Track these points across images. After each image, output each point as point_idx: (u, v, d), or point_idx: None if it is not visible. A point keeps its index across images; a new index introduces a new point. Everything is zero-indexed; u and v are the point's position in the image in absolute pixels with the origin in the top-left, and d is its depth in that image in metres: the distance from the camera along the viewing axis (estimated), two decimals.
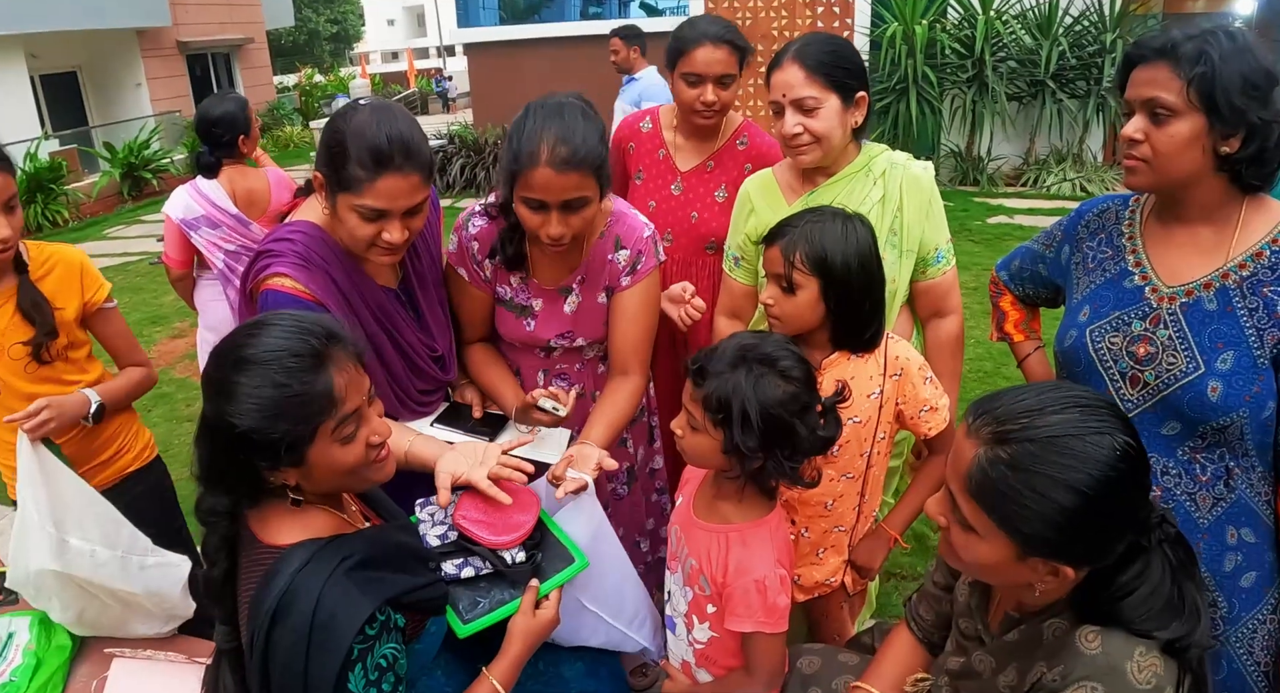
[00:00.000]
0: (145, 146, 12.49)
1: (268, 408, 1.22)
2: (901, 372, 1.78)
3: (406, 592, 1.33)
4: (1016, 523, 1.15)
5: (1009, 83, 9.03)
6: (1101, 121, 8.98)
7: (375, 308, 1.81)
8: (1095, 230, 1.72)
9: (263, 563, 1.28)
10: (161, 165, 12.57)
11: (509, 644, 1.48)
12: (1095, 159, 9.24)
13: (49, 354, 2.06)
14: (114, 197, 12.01)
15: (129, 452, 2.30)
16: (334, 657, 1.20)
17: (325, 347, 1.28)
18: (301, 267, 1.70)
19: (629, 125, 2.63)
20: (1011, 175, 9.39)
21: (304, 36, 32.36)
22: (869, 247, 1.71)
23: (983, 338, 5.07)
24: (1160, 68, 1.45)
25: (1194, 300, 1.53)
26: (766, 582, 1.55)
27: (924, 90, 8.83)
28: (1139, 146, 1.49)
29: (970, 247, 6.92)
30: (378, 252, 1.70)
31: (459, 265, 2.00)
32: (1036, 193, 8.85)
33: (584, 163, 1.69)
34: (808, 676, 1.68)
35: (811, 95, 1.90)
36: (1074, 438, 1.13)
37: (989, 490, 1.16)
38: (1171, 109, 1.44)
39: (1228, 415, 1.49)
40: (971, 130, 9.32)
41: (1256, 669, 1.58)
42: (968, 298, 5.74)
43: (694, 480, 1.76)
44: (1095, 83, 8.77)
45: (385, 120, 1.60)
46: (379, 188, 1.60)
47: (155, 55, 15.56)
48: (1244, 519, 1.56)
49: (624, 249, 1.96)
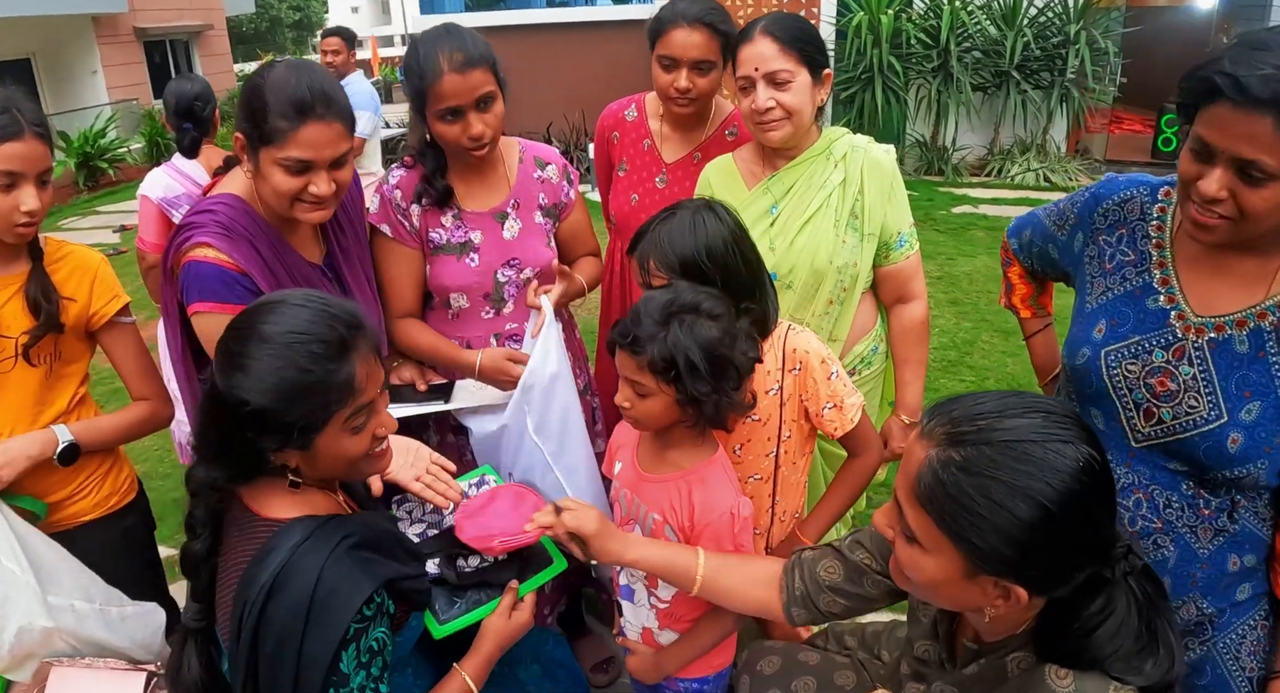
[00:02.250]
0: (101, 136, 12.19)
1: (287, 390, 1.21)
2: (801, 365, 1.73)
3: (400, 579, 1.32)
4: (967, 534, 1.06)
5: (974, 73, 9.07)
6: (1065, 112, 9.05)
7: (301, 281, 1.79)
8: (1115, 223, 1.53)
9: (258, 537, 1.26)
10: (118, 155, 12.28)
11: (481, 642, 1.48)
12: (1059, 149, 9.32)
13: (39, 356, 1.81)
14: (69, 187, 11.72)
15: (86, 496, 1.91)
16: (332, 634, 1.19)
17: (352, 336, 1.26)
18: (224, 236, 1.67)
19: (613, 114, 2.51)
20: (976, 165, 9.44)
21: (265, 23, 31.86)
22: (726, 233, 1.65)
23: (947, 327, 5.09)
24: (1263, 121, 1.17)
25: (1224, 338, 1.38)
26: (735, 511, 1.58)
27: (889, 80, 8.85)
28: (1221, 204, 1.26)
29: (935, 236, 6.95)
30: (304, 208, 1.68)
31: (382, 222, 1.99)
32: (1001, 183, 8.90)
33: (481, 60, 1.83)
34: (767, 676, 1.66)
35: (785, 68, 1.88)
36: (1034, 444, 1.05)
37: (939, 497, 1.08)
38: (1273, 174, 1.19)
39: (1244, 466, 1.38)
40: (936, 120, 9.36)
41: (1241, 675, 1.53)
42: (931, 287, 5.73)
43: (627, 444, 1.74)
44: (1059, 74, 8.83)
45: (304, 73, 1.63)
46: (302, 137, 1.60)
47: (111, 42, 15.21)
48: (1247, 547, 1.47)
49: (549, 164, 2.12)
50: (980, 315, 5.21)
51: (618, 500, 1.73)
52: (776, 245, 1.99)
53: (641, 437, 1.71)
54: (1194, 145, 1.27)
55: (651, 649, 1.74)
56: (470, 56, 1.82)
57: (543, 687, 1.71)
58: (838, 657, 1.70)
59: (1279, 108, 1.16)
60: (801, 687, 1.61)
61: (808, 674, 1.63)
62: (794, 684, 1.62)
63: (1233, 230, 1.28)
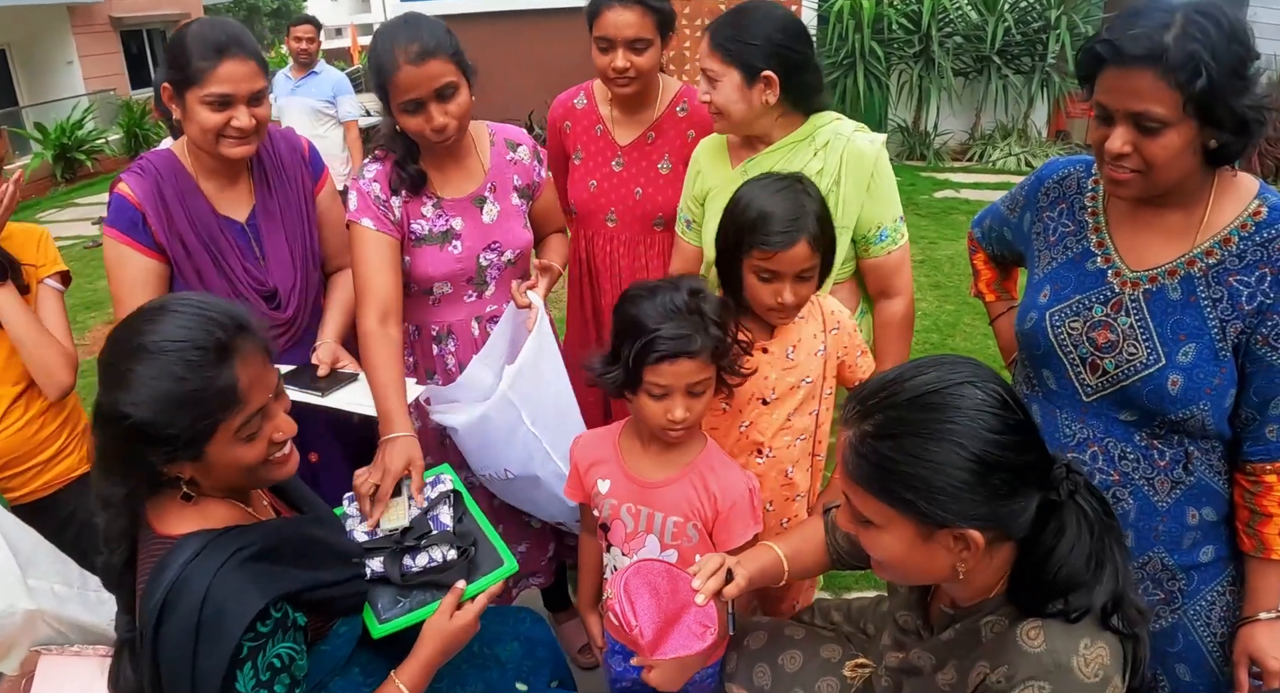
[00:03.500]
0: (79, 127, 12.06)
1: (164, 401, 1.16)
2: (839, 325, 1.84)
3: (309, 588, 1.26)
4: (904, 495, 1.11)
5: (955, 58, 9.09)
6: (1046, 97, 9.09)
7: (201, 229, 1.92)
8: (1056, 199, 1.64)
9: (154, 554, 1.22)
10: (96, 146, 12.16)
11: (420, 646, 1.42)
12: (1040, 134, 9.36)
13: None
14: (46, 179, 11.60)
15: (72, 453, 2.14)
16: (222, 651, 1.14)
17: (231, 339, 1.21)
18: (137, 174, 1.90)
19: (562, 104, 2.49)
20: (958, 150, 9.47)
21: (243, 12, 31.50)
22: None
23: (929, 310, 5.12)
24: (1144, 76, 1.29)
25: (1157, 288, 1.47)
26: (752, 486, 1.66)
27: (871, 65, 8.86)
28: (1127, 159, 1.37)
29: (917, 221, 6.97)
30: (230, 144, 1.85)
31: (362, 217, 1.95)
32: (982, 167, 8.94)
33: (437, 50, 1.81)
34: (754, 651, 1.68)
35: (712, 67, 1.91)
36: (935, 393, 1.11)
37: (866, 470, 1.13)
38: (1164, 121, 1.30)
39: (1187, 408, 1.45)
40: (918, 105, 9.38)
41: (1213, 640, 1.58)
42: (915, 271, 5.75)
43: (603, 461, 1.73)
44: (1040, 59, 8.87)
45: (217, 22, 1.85)
46: (221, 73, 1.79)
47: (88, 32, 15.01)
48: (1204, 500, 1.53)
49: (520, 145, 2.12)
50: (962, 298, 5.24)
51: (618, 518, 1.71)
52: None
53: (624, 450, 1.71)
54: (1096, 113, 1.40)
55: None
56: (426, 47, 1.80)
57: (523, 665, 1.70)
58: (824, 631, 1.72)
59: (1154, 60, 1.27)
60: (788, 660, 1.63)
61: (794, 649, 1.65)
62: (781, 658, 1.64)
63: (1144, 182, 1.39)
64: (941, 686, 1.28)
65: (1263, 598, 1.52)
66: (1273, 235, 1.40)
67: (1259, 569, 1.52)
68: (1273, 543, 1.48)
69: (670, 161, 2.38)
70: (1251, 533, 1.50)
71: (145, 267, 1.89)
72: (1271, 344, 1.41)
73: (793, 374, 1.78)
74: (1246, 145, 1.36)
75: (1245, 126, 1.32)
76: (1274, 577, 1.51)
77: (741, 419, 1.80)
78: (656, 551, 1.69)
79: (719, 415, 1.81)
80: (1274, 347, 1.41)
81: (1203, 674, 1.60)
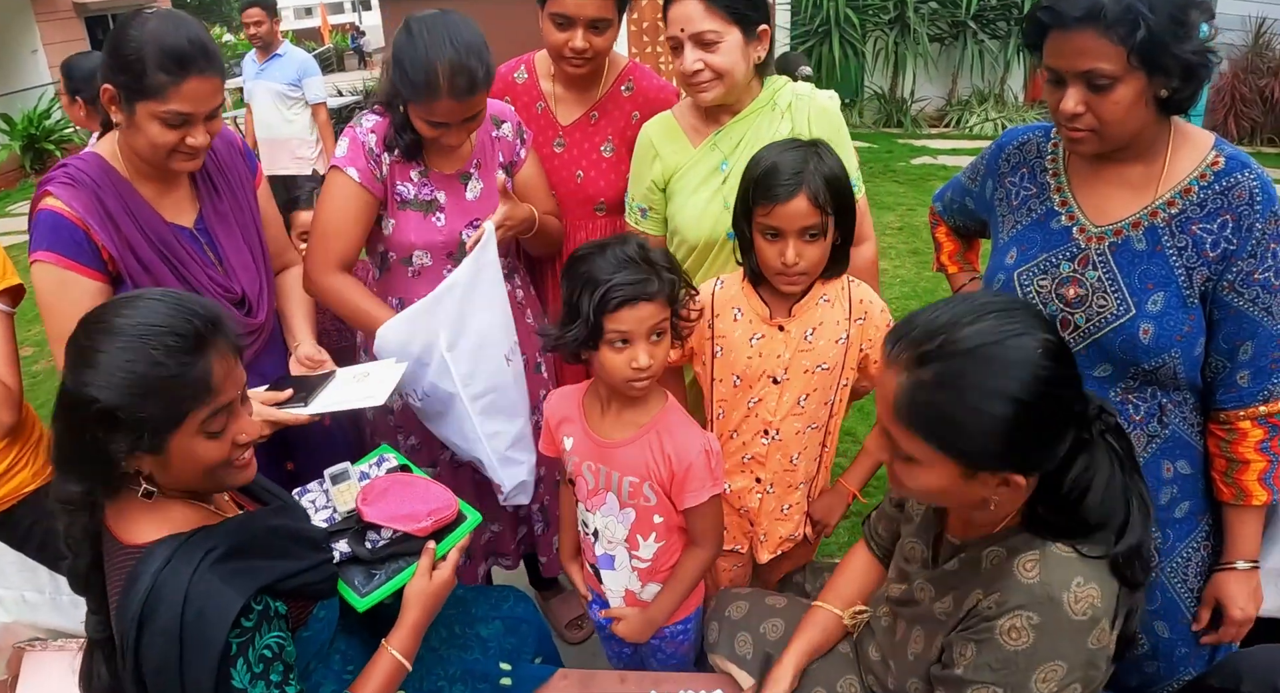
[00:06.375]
0: (46, 116, 11.86)
1: (138, 385, 1.13)
2: (865, 316, 1.78)
3: (283, 578, 1.25)
4: (957, 443, 1.13)
5: (931, 24, 9.07)
6: (1022, 62, 9.10)
7: (156, 240, 1.76)
8: (1017, 164, 1.67)
9: (123, 566, 1.20)
10: (65, 135, 11.94)
11: (405, 611, 1.44)
12: (1016, 99, 9.37)
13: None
14: (15, 171, 11.43)
15: (25, 468, 1.96)
16: (209, 655, 1.14)
17: (208, 330, 1.19)
18: (68, 186, 1.68)
19: (502, 77, 2.28)
20: (935, 116, 9.47)
21: None
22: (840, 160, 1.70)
23: (908, 277, 5.13)
24: (1086, 35, 1.33)
25: (1122, 240, 1.50)
26: (709, 448, 1.63)
27: (846, 32, 8.83)
28: (1082, 118, 1.40)
29: (895, 187, 6.98)
30: (180, 159, 1.71)
31: (349, 165, 1.91)
32: (959, 133, 8.94)
33: (483, 86, 1.77)
34: (736, 621, 1.69)
35: (712, 29, 1.82)
36: (994, 345, 1.11)
37: (921, 416, 1.14)
38: (1112, 77, 1.34)
39: (1159, 356, 1.47)
40: (894, 72, 9.35)
41: (1190, 596, 1.61)
42: (892, 237, 5.80)
43: (571, 418, 1.74)
44: (1016, 23, 8.87)
45: (182, 25, 1.63)
46: (184, 91, 1.62)
47: (51, 19, 14.72)
48: (1179, 452, 1.56)
49: (505, 122, 2.08)
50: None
51: (580, 475, 1.72)
52: (731, 203, 1.95)
53: (587, 408, 1.72)
54: (1048, 78, 1.44)
55: (637, 609, 1.76)
56: (475, 83, 1.74)
57: (506, 643, 1.71)
58: (804, 600, 1.74)
59: (1093, 19, 1.32)
60: (770, 629, 1.65)
61: (775, 617, 1.67)
62: (762, 627, 1.65)
63: (1100, 138, 1.43)
64: (938, 614, 1.31)
65: (1242, 545, 1.55)
66: (1232, 183, 1.43)
67: (1239, 517, 1.55)
68: (1252, 490, 1.51)
69: (614, 144, 2.27)
70: (1230, 482, 1.53)
71: (90, 291, 1.68)
72: (1237, 289, 1.44)
73: (808, 357, 1.74)
74: (1196, 91, 1.39)
75: (1192, 71, 1.35)
76: (1253, 524, 1.55)
77: (750, 395, 1.78)
78: (616, 508, 1.70)
79: (729, 389, 1.80)
80: (1239, 292, 1.44)
81: (1181, 630, 1.62)
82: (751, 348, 1.75)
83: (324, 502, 1.66)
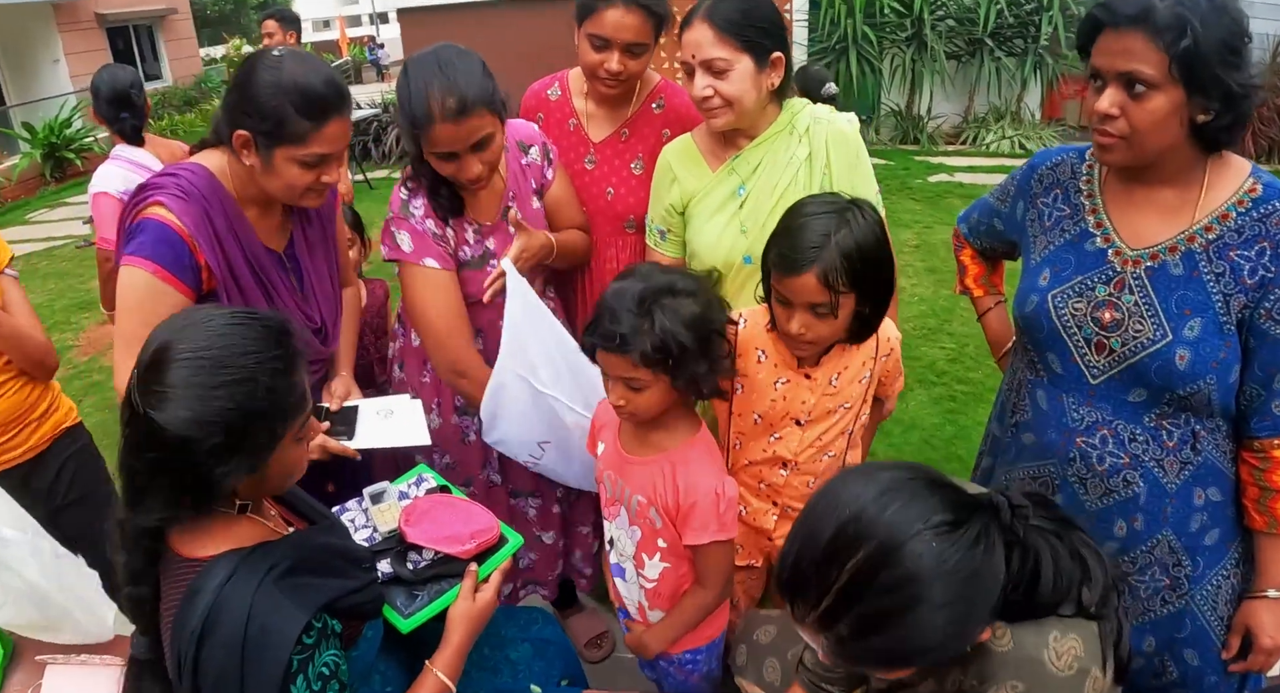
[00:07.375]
0: (67, 125, 11.98)
1: (255, 416, 1.14)
2: (891, 351, 1.77)
3: (341, 596, 1.26)
4: (916, 659, 1.07)
5: (948, 41, 9.06)
6: (1039, 80, 9.07)
7: (254, 262, 1.76)
8: (1050, 186, 1.66)
9: (183, 579, 1.20)
10: (85, 144, 12.07)
11: (450, 633, 1.44)
12: (1033, 117, 9.35)
13: None
14: (35, 179, 11.54)
15: (59, 409, 2.27)
16: (272, 671, 1.13)
17: (295, 346, 1.21)
18: (180, 198, 1.67)
19: (536, 95, 2.36)
20: (951, 134, 9.45)
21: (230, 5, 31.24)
22: (880, 227, 1.58)
23: (925, 295, 5.11)
24: (1135, 37, 1.34)
25: (1159, 265, 1.48)
26: (720, 491, 1.58)
27: (864, 49, 8.83)
28: (1114, 122, 1.40)
29: (911, 205, 6.97)
30: (312, 197, 1.73)
31: (424, 256, 1.93)
32: (976, 151, 8.92)
33: (475, 105, 1.74)
34: (764, 646, 1.68)
35: (721, 57, 1.81)
36: (885, 569, 1.00)
37: (868, 660, 1.09)
38: (1150, 83, 1.34)
39: (1195, 383, 1.46)
40: (911, 89, 9.35)
41: (1220, 624, 1.59)
42: (909, 255, 5.79)
43: (609, 425, 1.74)
44: (1033, 41, 8.84)
45: (313, 67, 1.63)
46: (325, 134, 1.64)
47: (73, 29, 14.90)
48: (1210, 480, 1.54)
49: (532, 147, 2.09)
50: None
51: (602, 482, 1.73)
52: (748, 227, 1.95)
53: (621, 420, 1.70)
54: (1092, 80, 1.44)
55: (644, 625, 1.76)
56: (465, 101, 1.73)
57: (534, 666, 1.71)
58: None
59: (1144, 21, 1.32)
60: (798, 655, 1.63)
61: (804, 642, 1.65)
62: (790, 653, 1.64)
63: (1129, 148, 1.42)
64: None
65: (1273, 573, 1.54)
66: (1270, 211, 1.42)
67: (1272, 545, 1.53)
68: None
69: (644, 162, 2.28)
70: (1263, 510, 1.51)
71: (178, 304, 1.65)
72: (1275, 318, 1.43)
73: (833, 400, 1.73)
74: (1235, 126, 1.39)
75: (1232, 100, 1.35)
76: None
77: (772, 432, 1.77)
78: (626, 523, 1.70)
79: (749, 424, 1.78)
80: (1276, 321, 1.43)
81: (1211, 658, 1.60)
82: (776, 391, 1.72)
83: (363, 521, 1.66)
